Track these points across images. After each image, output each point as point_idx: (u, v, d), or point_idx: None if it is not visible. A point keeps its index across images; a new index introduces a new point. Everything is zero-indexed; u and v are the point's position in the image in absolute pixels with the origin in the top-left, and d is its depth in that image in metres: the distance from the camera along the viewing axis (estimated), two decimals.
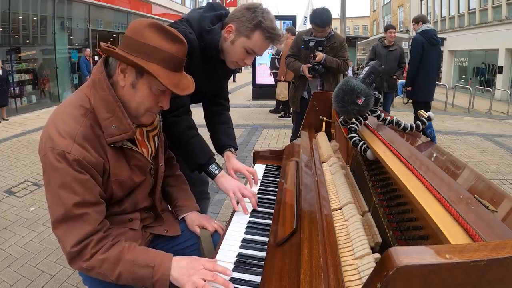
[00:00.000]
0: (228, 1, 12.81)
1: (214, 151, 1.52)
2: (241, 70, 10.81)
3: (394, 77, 5.37)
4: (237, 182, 1.36)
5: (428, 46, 4.42)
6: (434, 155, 1.10)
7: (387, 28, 5.65)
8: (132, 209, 1.12)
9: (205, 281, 0.88)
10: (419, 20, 4.60)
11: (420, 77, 4.51)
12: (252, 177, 1.46)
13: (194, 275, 0.89)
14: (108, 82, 0.96)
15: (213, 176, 1.39)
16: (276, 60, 6.91)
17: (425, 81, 4.55)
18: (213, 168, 1.39)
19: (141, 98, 0.97)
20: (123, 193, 1.06)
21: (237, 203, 1.29)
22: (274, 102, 7.31)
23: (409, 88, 4.69)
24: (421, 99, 4.66)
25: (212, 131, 1.64)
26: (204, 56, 1.38)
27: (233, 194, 1.30)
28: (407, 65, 5.09)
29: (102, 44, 0.98)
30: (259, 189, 1.44)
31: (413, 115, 4.90)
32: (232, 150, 1.56)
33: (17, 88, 8.12)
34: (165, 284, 0.93)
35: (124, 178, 1.03)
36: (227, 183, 1.35)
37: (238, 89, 10.88)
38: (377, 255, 0.72)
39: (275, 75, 6.88)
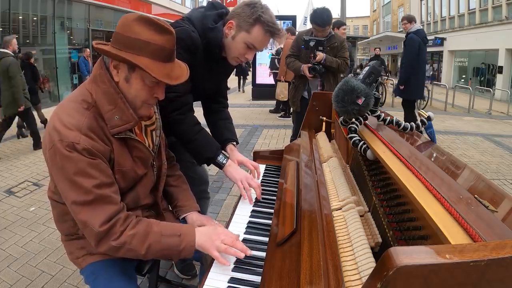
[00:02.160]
0: (228, 1, 12.82)
1: None
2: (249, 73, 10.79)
3: None
4: (244, 172, 1.42)
5: (422, 45, 4.47)
6: (434, 155, 1.10)
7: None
8: (134, 205, 1.13)
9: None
10: (412, 20, 4.64)
11: (415, 75, 4.56)
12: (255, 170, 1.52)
13: (216, 240, 1.00)
14: (108, 75, 0.98)
15: (221, 166, 1.44)
16: (276, 60, 6.90)
17: (420, 79, 4.63)
18: (221, 158, 1.44)
19: (136, 91, 1.00)
20: (125, 185, 1.08)
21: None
22: (274, 102, 7.30)
23: (402, 87, 4.68)
24: (414, 97, 4.70)
25: (213, 127, 1.68)
26: (207, 54, 1.41)
27: (241, 183, 1.38)
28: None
29: (94, 42, 1.00)
30: None
31: (405, 116, 4.90)
32: (234, 143, 1.61)
33: None
34: (190, 252, 1.01)
35: (127, 168, 1.05)
36: (235, 173, 1.41)
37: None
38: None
39: (275, 75, 6.87)
